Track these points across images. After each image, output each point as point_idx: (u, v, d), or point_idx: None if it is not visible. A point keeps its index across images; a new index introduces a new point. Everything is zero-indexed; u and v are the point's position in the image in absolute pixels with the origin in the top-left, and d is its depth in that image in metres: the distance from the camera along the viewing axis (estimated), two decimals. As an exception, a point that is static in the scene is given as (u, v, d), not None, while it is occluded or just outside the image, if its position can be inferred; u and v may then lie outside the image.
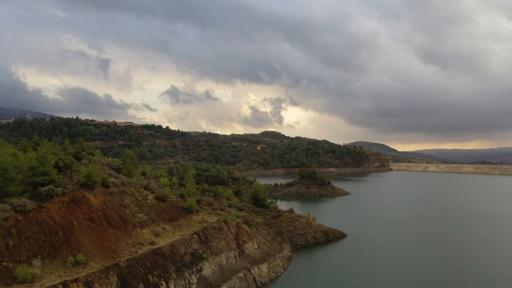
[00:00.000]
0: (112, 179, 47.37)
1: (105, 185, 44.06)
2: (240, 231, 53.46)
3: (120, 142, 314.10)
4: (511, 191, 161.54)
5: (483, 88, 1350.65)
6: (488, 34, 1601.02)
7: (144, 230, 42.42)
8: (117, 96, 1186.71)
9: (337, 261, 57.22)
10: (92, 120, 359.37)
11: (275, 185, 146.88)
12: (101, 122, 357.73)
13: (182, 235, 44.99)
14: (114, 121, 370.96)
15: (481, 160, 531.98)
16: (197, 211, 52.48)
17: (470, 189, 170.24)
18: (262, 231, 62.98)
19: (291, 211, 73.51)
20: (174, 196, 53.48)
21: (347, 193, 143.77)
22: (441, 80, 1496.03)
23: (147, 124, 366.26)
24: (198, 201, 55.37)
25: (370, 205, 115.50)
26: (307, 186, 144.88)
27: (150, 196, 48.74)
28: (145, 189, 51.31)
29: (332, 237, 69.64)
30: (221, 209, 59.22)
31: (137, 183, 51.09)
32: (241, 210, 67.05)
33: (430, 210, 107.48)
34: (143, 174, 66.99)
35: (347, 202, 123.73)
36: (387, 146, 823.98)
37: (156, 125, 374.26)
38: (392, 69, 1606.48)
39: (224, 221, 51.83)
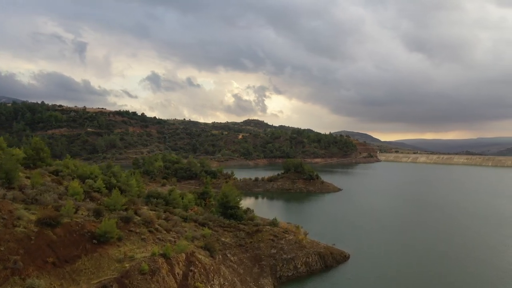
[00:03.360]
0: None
1: None
2: (192, 270, 33.00)
3: (89, 129, 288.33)
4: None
5: (467, 77, 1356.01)
6: (476, 21, 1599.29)
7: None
8: (96, 82, 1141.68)
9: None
10: (60, 106, 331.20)
11: (256, 179, 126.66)
12: (69, 107, 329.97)
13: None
14: (84, 106, 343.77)
15: (466, 150, 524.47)
16: (119, 239, 31.72)
17: (474, 184, 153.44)
18: (232, 259, 42.69)
19: (273, 223, 53.16)
20: (81, 216, 32.46)
21: (339, 189, 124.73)
22: (426, 68, 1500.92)
23: (120, 110, 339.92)
24: (126, 221, 34.47)
25: (369, 206, 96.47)
26: (292, 181, 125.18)
27: (26, 219, 27.69)
28: (30, 203, 30.34)
29: (331, 260, 49.93)
30: (167, 230, 38.46)
31: (12, 195, 29.99)
32: (203, 225, 46.56)
33: (446, 216, 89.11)
34: (56, 173, 45.48)
35: (340, 201, 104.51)
36: (371, 136, 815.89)
37: (130, 111, 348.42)
38: (377, 57, 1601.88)
39: (164, 255, 31.21)
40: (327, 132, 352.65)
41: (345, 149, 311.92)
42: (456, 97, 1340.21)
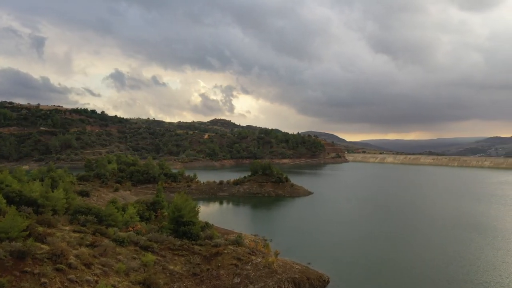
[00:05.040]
0: None
1: None
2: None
3: (42, 128, 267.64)
4: (490, 188, 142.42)
5: (428, 80, 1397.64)
6: (438, 24, 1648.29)
7: None
8: (56, 80, 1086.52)
9: None
10: (10, 102, 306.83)
11: (221, 183, 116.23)
12: (21, 104, 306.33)
13: None
14: (39, 104, 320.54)
15: (428, 150, 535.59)
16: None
17: (450, 186, 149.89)
18: (182, 295, 32.49)
19: (237, 241, 43.20)
20: None
21: (309, 193, 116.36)
22: (390, 70, 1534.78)
23: (77, 108, 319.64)
24: (19, 256, 23.55)
25: (344, 213, 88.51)
26: (260, 184, 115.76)
27: None
28: None
29: None
30: (87, 264, 27.67)
31: None
32: (146, 249, 36.03)
33: (431, 224, 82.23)
34: None
35: (312, 206, 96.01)
36: (337, 136, 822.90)
37: (89, 109, 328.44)
38: (343, 58, 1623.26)
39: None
40: (295, 132, 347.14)
41: (313, 150, 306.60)
42: (417, 98, 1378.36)
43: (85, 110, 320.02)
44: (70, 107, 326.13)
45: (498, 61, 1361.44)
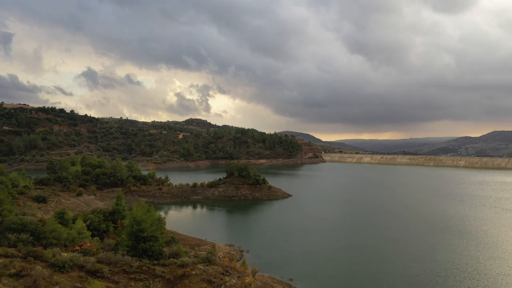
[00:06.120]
0: None
1: None
2: None
3: (5, 127, 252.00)
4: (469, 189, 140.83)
5: (401, 80, 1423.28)
6: (411, 25, 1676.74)
7: None
8: (25, 78, 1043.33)
9: None
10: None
11: (194, 185, 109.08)
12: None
13: None
14: (2, 102, 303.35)
15: (402, 150, 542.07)
16: None
17: (429, 187, 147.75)
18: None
19: (209, 258, 36.74)
20: None
21: (288, 195, 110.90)
22: (366, 71, 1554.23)
23: (44, 107, 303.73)
24: None
25: (325, 218, 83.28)
26: (236, 187, 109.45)
27: None
28: None
29: (292, 312, 34.71)
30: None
31: None
32: (94, 274, 29.13)
33: (420, 230, 77.87)
34: None
35: (291, 210, 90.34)
36: (313, 136, 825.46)
37: (58, 108, 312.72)
38: (319, 59, 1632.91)
39: None
40: (271, 132, 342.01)
41: (290, 150, 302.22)
42: (391, 99, 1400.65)
43: (53, 109, 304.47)
44: (40, 106, 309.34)
45: (468, 62, 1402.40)
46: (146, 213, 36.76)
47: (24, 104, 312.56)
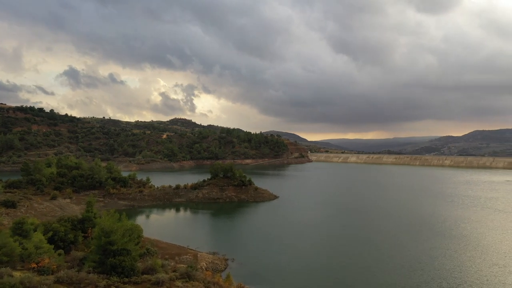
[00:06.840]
0: None
1: None
2: None
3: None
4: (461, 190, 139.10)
5: (385, 80, 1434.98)
6: (395, 25, 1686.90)
7: None
8: (4, 77, 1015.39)
9: None
10: None
11: (177, 187, 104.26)
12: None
13: None
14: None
15: (387, 149, 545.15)
16: None
17: (419, 187, 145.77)
18: None
19: (188, 274, 32.37)
20: None
21: (275, 197, 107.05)
22: (350, 71, 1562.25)
23: (22, 106, 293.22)
24: None
25: (314, 221, 79.50)
26: (221, 188, 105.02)
27: None
28: None
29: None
30: None
31: None
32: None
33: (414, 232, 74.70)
34: None
35: (279, 213, 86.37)
36: (298, 136, 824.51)
37: (37, 107, 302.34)
38: (304, 58, 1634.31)
39: None
40: (257, 132, 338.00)
41: (276, 150, 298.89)
42: (375, 99, 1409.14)
43: (32, 108, 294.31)
44: (20, 105, 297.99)
45: (450, 63, 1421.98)
46: (117, 222, 32.19)
47: (1, 103, 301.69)
